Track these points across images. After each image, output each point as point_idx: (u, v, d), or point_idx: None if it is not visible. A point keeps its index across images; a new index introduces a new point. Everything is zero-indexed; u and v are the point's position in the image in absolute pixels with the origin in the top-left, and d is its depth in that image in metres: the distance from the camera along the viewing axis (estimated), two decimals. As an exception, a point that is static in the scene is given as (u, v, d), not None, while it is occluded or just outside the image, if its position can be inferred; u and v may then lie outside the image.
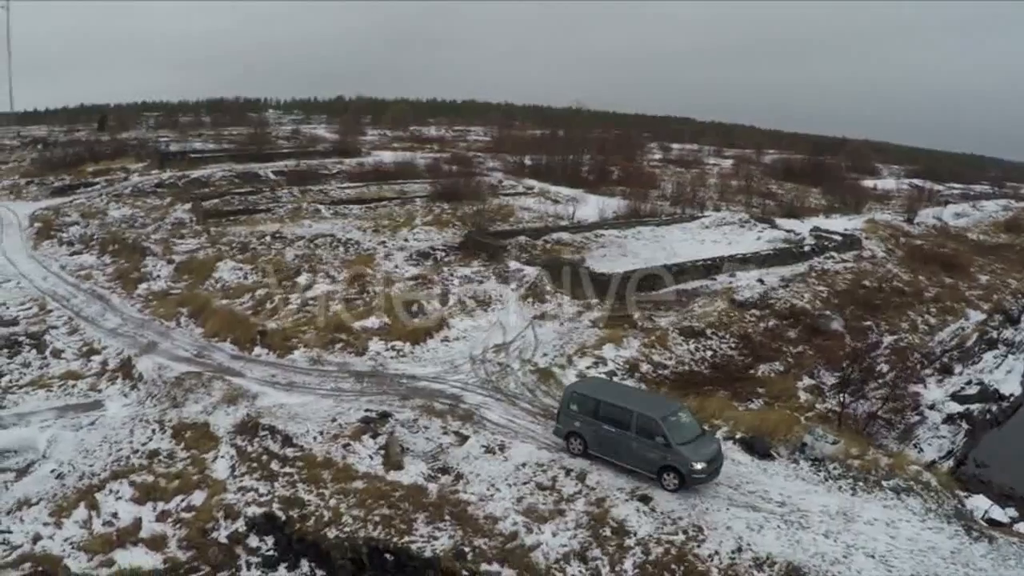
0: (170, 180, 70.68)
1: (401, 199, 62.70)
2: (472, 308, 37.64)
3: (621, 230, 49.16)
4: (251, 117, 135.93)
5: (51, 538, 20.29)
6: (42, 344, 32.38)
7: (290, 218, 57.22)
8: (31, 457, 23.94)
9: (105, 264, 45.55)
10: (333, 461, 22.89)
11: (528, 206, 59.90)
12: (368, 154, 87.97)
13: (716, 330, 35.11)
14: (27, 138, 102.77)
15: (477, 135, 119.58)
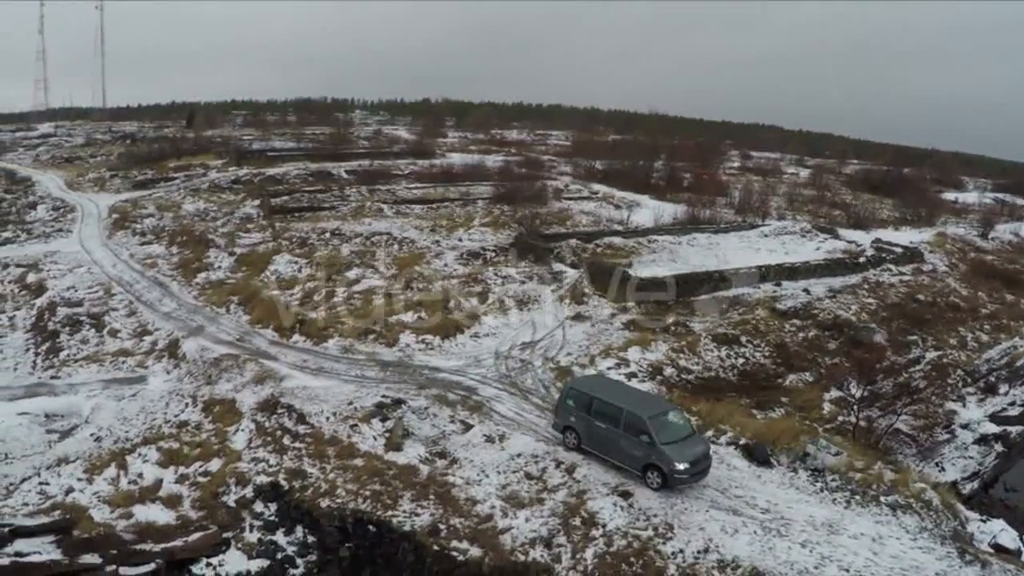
0: (246, 177, 75.75)
1: (463, 200, 65.41)
2: (509, 307, 39.66)
3: (676, 236, 50.16)
4: (336, 117, 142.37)
5: (82, 491, 23.46)
6: (101, 324, 36.32)
7: (352, 216, 60.66)
8: (75, 422, 27.48)
9: (171, 254, 49.81)
10: (339, 439, 25.33)
11: (588, 210, 61.52)
12: (442, 156, 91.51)
13: (751, 338, 35.90)
14: (118, 133, 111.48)
15: (558, 139, 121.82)
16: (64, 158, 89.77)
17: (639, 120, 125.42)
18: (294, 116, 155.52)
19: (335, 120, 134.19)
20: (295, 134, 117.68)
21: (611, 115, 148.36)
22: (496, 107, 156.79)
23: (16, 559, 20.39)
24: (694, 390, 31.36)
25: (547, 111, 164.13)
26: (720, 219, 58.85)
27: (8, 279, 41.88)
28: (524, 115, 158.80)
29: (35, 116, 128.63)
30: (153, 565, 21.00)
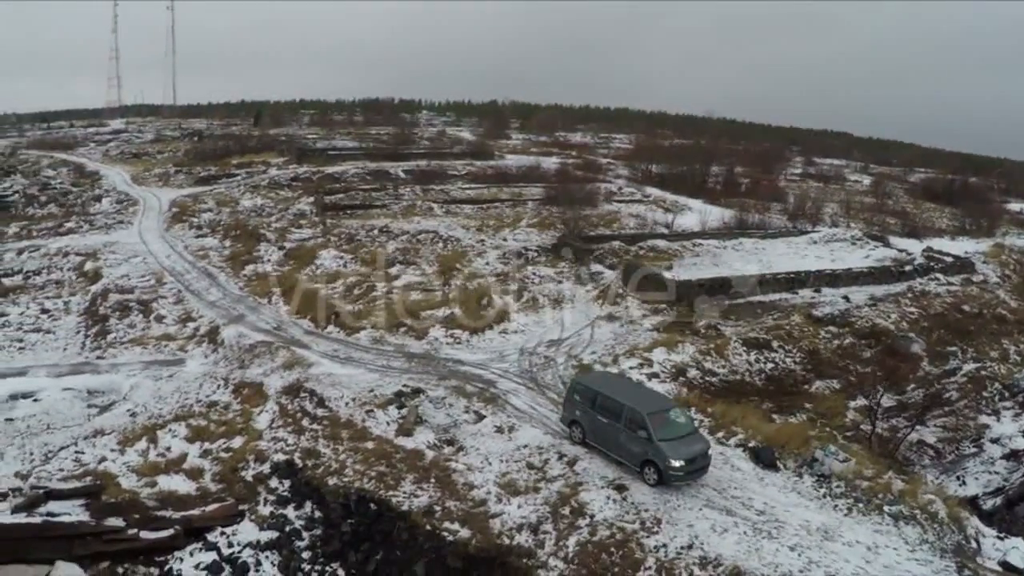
0: (305, 175, 78.94)
1: (514, 201, 67.01)
2: (542, 305, 40.95)
3: (722, 240, 50.60)
4: (402, 118, 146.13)
5: (113, 461, 25.79)
6: (149, 310, 39.09)
7: (402, 214, 62.92)
8: (114, 398, 30.01)
9: (224, 247, 52.71)
10: (353, 423, 27.06)
11: (637, 213, 62.35)
12: (501, 157, 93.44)
13: (783, 343, 36.26)
14: (187, 130, 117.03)
15: (621, 143, 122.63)
16: (132, 153, 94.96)
17: (705, 124, 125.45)
18: (361, 116, 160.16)
19: (400, 120, 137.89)
20: (359, 134, 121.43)
21: (677, 119, 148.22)
22: (562, 110, 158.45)
23: (47, 519, 22.68)
24: (716, 392, 31.97)
25: (613, 115, 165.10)
26: (769, 224, 58.90)
27: (67, 267, 45.22)
28: (590, 118, 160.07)
29: (107, 112, 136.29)
30: (172, 531, 23.00)
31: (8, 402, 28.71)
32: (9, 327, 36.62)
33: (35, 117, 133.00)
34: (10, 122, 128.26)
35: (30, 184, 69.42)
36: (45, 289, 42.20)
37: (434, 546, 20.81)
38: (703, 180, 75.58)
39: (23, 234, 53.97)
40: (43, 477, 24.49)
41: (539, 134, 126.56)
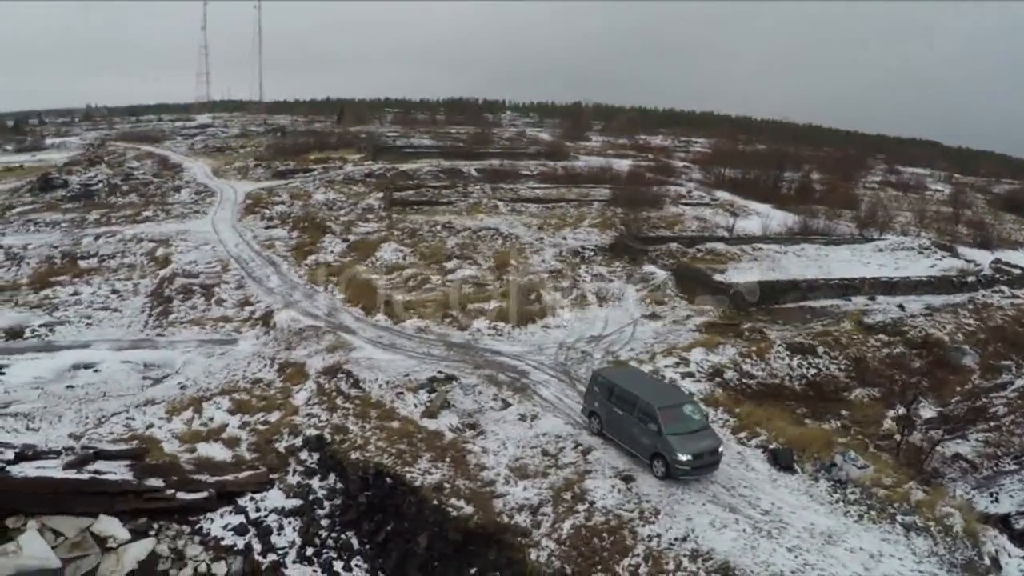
0: (379, 171, 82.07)
1: (580, 201, 68.15)
2: (589, 302, 42.09)
3: (783, 245, 50.61)
4: (485, 118, 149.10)
5: (159, 428, 28.29)
6: (210, 294, 42.04)
7: (468, 211, 64.90)
8: (168, 372, 32.72)
9: (290, 238, 55.74)
10: (382, 404, 28.86)
11: (703, 216, 62.65)
12: (576, 158, 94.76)
13: (829, 349, 36.34)
14: (272, 126, 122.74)
15: (700, 147, 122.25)
16: (216, 147, 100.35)
17: (789, 130, 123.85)
18: (444, 115, 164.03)
19: (482, 121, 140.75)
20: (439, 133, 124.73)
21: (761, 124, 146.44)
22: (645, 113, 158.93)
23: (94, 476, 25.18)
24: (751, 395, 32.43)
25: (697, 119, 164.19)
26: (834, 231, 58.35)
27: (140, 252, 48.91)
28: (673, 122, 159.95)
29: (196, 107, 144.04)
30: (206, 493, 25.19)
31: (71, 371, 31.80)
32: (80, 305, 40.20)
33: (125, 111, 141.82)
34: (101, 115, 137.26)
35: (114, 174, 74.60)
36: (118, 272, 45.87)
37: (438, 520, 22.26)
38: (776, 185, 75.08)
39: (103, 221, 58.38)
40: (94, 439, 27.12)
41: (619, 136, 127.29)
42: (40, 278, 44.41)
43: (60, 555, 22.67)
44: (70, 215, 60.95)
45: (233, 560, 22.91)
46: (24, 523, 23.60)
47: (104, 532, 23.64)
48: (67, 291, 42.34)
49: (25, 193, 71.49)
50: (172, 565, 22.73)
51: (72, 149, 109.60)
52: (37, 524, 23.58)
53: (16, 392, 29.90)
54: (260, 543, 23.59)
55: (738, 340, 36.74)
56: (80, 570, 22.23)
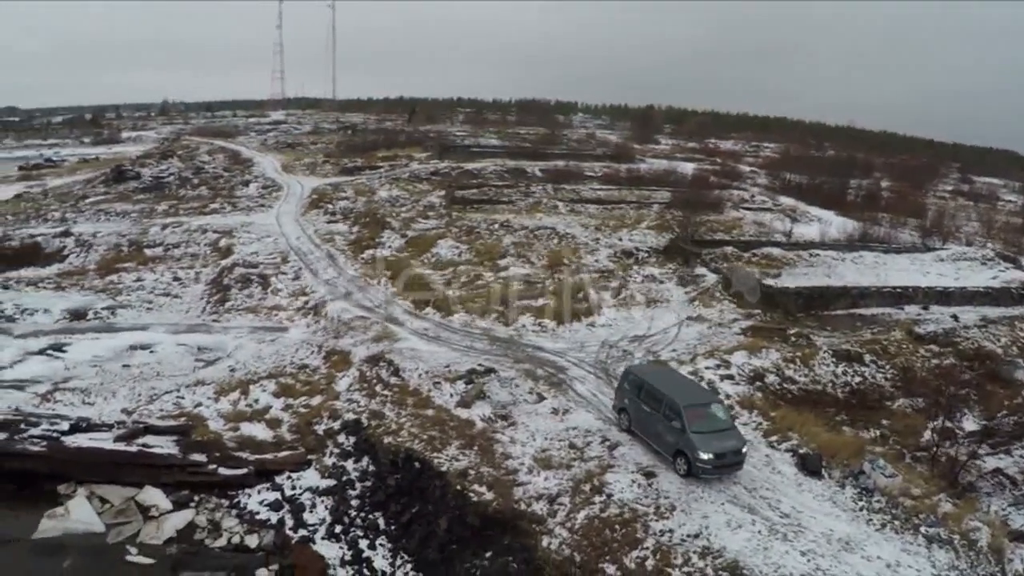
0: (445, 170, 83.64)
1: (640, 203, 68.33)
2: (637, 303, 42.43)
3: (841, 252, 50.02)
4: (555, 119, 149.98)
5: (207, 407, 29.99)
6: (267, 283, 43.95)
7: (527, 210, 65.78)
8: (219, 355, 34.50)
9: (351, 232, 57.51)
10: (419, 392, 29.98)
11: (762, 221, 62.18)
12: (642, 161, 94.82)
13: (877, 358, 35.95)
14: (344, 124, 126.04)
15: (770, 152, 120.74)
16: (287, 144, 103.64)
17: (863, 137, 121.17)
18: (515, 116, 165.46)
19: (553, 122, 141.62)
20: (508, 133, 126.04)
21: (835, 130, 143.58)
22: (717, 116, 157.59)
23: (142, 449, 26.98)
24: (791, 400, 32.40)
25: (770, 123, 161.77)
26: (895, 239, 57.29)
27: (204, 242, 51.34)
28: (746, 126, 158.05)
29: (270, 104, 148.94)
30: (245, 470, 26.73)
31: (128, 351, 33.91)
32: (143, 290, 42.65)
33: (201, 106, 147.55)
34: (177, 110, 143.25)
35: (185, 168, 78.05)
36: (181, 260, 48.33)
37: (459, 504, 23.18)
38: (843, 191, 73.99)
39: (171, 212, 61.34)
40: (145, 414, 28.96)
41: (689, 140, 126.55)
42: (107, 264, 47.21)
43: (105, 520, 24.45)
44: (140, 206, 64.29)
45: (265, 534, 24.27)
46: (74, 490, 25.52)
47: (148, 501, 25.34)
48: (131, 277, 44.95)
49: (99, 184, 75.49)
50: (208, 535, 24.21)
51: (147, 143, 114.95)
52: (86, 491, 25.46)
53: (75, 369, 32.10)
54: (292, 519, 24.93)
55: (783, 345, 36.66)
56: (122, 535, 23.86)
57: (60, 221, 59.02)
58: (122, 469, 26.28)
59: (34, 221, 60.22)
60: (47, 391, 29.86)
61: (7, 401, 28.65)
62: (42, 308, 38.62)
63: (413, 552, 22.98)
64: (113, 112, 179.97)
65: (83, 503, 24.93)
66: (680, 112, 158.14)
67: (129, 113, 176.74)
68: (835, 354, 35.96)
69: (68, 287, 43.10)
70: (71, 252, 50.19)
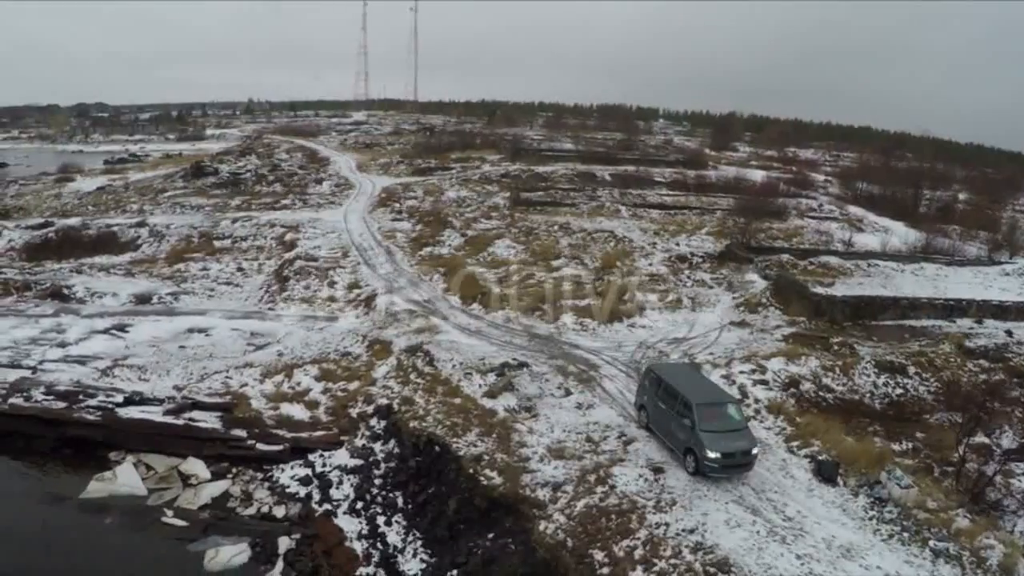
0: (515, 172, 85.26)
1: (703, 209, 68.43)
2: (682, 306, 42.89)
3: (901, 263, 49.16)
4: (635, 125, 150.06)
5: (252, 387, 32.03)
6: (324, 276, 46.07)
7: (589, 214, 66.67)
8: (269, 340, 36.60)
9: (413, 230, 59.52)
10: (450, 382, 31.29)
11: (826, 230, 61.43)
12: (715, 168, 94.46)
13: (922, 370, 35.45)
14: (424, 125, 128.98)
15: (849, 161, 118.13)
16: (365, 144, 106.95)
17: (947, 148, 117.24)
18: (595, 120, 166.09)
19: (632, 127, 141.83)
20: (585, 137, 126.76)
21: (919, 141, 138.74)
22: (799, 125, 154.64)
23: (188, 422, 29.14)
24: (825, 408, 32.31)
25: (854, 132, 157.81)
26: (960, 252, 55.82)
27: (271, 236, 54.10)
28: (828, 135, 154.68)
29: (354, 105, 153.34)
30: (281, 447, 28.59)
31: (186, 333, 36.38)
32: (207, 279, 45.44)
33: (285, 106, 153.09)
34: (262, 109, 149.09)
35: (262, 165, 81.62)
36: (247, 252, 51.06)
37: (469, 487, 24.35)
38: (915, 203, 72.33)
39: (243, 207, 64.57)
40: (194, 392, 31.17)
41: (768, 148, 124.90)
42: (176, 254, 50.34)
43: (148, 486, 26.68)
44: (214, 200, 67.89)
45: (292, 506, 26.04)
46: (123, 457, 27.86)
47: (189, 471, 27.46)
48: (197, 266, 47.89)
49: (178, 179, 79.78)
50: (240, 504, 26.14)
51: (230, 140, 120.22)
52: (134, 459, 27.76)
53: (135, 348, 34.71)
54: (319, 494, 26.63)
55: (824, 353, 36.51)
56: (162, 499, 25.99)
57: (137, 213, 62.98)
58: (168, 440, 28.52)
59: (113, 212, 64.55)
60: (107, 367, 32.42)
61: (70, 375, 31.30)
62: (111, 292, 41.69)
63: (424, 530, 24.28)
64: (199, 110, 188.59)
65: (130, 469, 27.20)
66: (762, 120, 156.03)
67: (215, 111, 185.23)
68: (878, 364, 35.62)
69: (137, 274, 46.28)
70: (144, 242, 53.65)
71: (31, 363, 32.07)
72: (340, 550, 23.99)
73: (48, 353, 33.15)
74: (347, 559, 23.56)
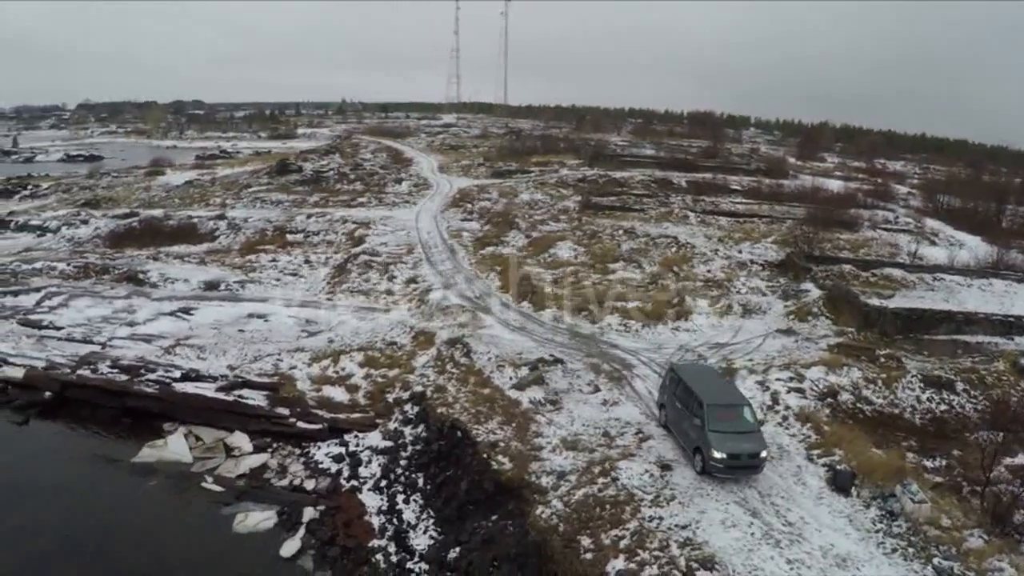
0: (592, 176, 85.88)
1: (773, 218, 67.58)
2: (733, 312, 42.84)
3: (968, 278, 47.61)
4: (725, 133, 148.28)
5: (299, 370, 33.98)
6: (385, 270, 47.93)
7: (656, 219, 66.76)
8: (322, 328, 38.57)
9: (479, 231, 60.93)
10: (482, 373, 32.45)
11: (895, 242, 59.89)
12: (794, 177, 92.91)
13: (970, 387, 34.57)
14: (513, 128, 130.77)
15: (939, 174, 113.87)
16: (451, 146, 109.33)
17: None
18: (685, 128, 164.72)
19: (720, 135, 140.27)
20: (670, 144, 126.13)
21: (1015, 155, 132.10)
22: (891, 136, 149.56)
23: (237, 399, 31.20)
24: (861, 420, 31.91)
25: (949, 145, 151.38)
26: (1032, 267, 53.54)
27: (342, 231, 56.50)
28: (921, 147, 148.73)
29: (446, 108, 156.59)
30: (320, 426, 30.34)
31: (246, 318, 38.76)
32: (275, 269, 47.91)
33: (377, 107, 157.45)
34: (354, 109, 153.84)
35: (345, 163, 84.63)
36: (317, 247, 53.54)
37: (480, 470, 25.47)
38: (998, 217, 69.58)
39: (320, 203, 67.36)
40: (245, 371, 33.27)
41: (856, 159, 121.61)
42: (249, 246, 53.26)
43: (194, 454, 28.79)
44: (294, 196, 71.03)
45: (322, 480, 27.65)
46: (176, 428, 30.06)
47: (233, 444, 29.48)
48: (267, 258, 50.60)
49: (263, 175, 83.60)
50: (275, 476, 27.96)
51: (320, 139, 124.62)
52: (185, 430, 29.98)
53: (197, 329, 37.27)
54: (349, 471, 28.20)
55: (869, 365, 35.98)
56: (205, 467, 28.01)
57: (219, 206, 66.59)
58: (218, 414, 30.68)
59: (196, 205, 68.46)
60: (170, 345, 34.96)
61: (135, 351, 33.94)
62: (182, 278, 44.68)
63: (438, 509, 25.49)
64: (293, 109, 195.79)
65: (180, 438, 29.42)
66: (854, 130, 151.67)
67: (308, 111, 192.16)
68: (924, 379, 34.80)
69: (210, 262, 49.27)
70: (222, 233, 56.87)
71: (101, 339, 34.91)
72: (359, 523, 25.42)
73: (118, 331, 35.97)
74: (364, 531, 24.97)
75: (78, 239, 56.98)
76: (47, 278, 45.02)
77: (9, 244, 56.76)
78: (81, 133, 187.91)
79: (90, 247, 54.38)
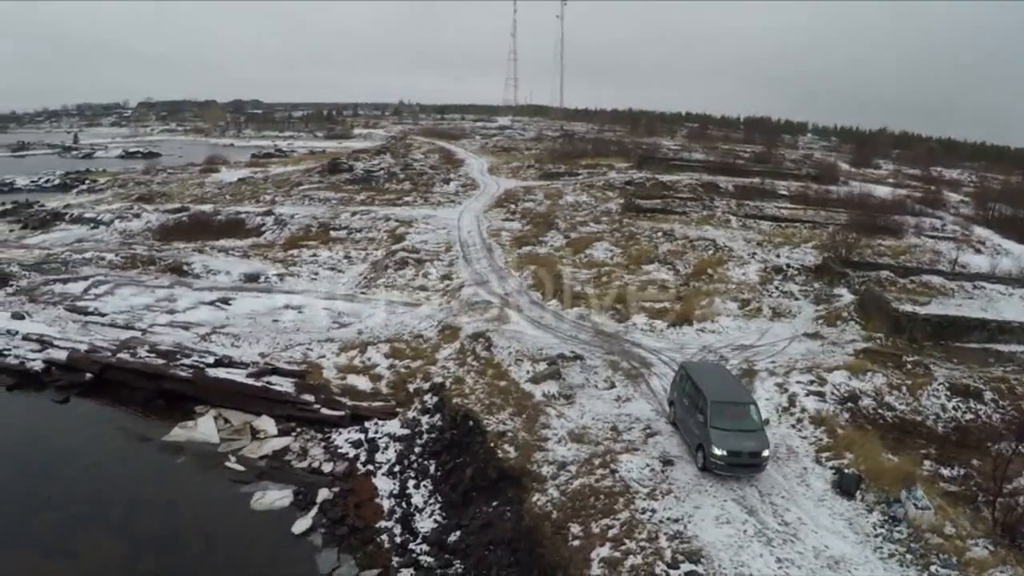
0: (639, 180, 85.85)
1: (815, 223, 66.68)
2: (763, 315, 42.62)
3: (1010, 287, 46.57)
4: (780, 138, 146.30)
5: (327, 359, 35.11)
6: (420, 266, 48.92)
7: (696, 222, 66.48)
8: (353, 320, 39.69)
9: (519, 230, 61.54)
10: (500, 366, 33.08)
11: (939, 250, 58.66)
12: (844, 184, 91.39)
13: (999, 396, 33.81)
14: (567, 132, 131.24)
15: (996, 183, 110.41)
16: (504, 148, 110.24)
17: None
18: (740, 133, 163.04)
19: (775, 141, 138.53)
20: (723, 149, 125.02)
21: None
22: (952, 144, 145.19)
23: (266, 385, 32.40)
24: (882, 426, 31.48)
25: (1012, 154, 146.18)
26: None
27: (384, 229, 57.77)
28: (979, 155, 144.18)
29: (503, 110, 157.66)
30: (342, 413, 31.35)
31: (281, 309, 40.14)
32: (315, 264, 49.34)
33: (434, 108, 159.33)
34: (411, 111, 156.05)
35: (395, 163, 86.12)
36: (359, 243, 54.89)
37: (486, 458, 26.12)
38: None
39: (367, 201, 68.85)
40: (275, 359, 34.51)
41: (912, 166, 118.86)
42: (292, 241, 54.88)
43: (222, 436, 30.02)
44: (341, 195, 72.65)
45: (339, 464, 28.63)
46: (207, 411, 31.34)
47: (259, 427, 30.66)
48: (308, 253, 52.13)
49: (315, 174, 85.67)
50: (296, 458, 29.03)
51: (376, 140, 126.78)
52: (215, 412, 31.27)
53: (234, 318, 38.78)
54: (366, 456, 29.15)
55: (894, 371, 35.50)
56: (231, 447, 29.24)
57: (269, 203, 68.54)
58: (247, 399, 31.90)
59: (247, 202, 70.53)
60: (206, 333, 36.49)
61: (174, 337, 35.49)
62: (224, 270, 46.40)
63: (445, 495, 26.21)
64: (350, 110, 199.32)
65: (210, 420, 30.72)
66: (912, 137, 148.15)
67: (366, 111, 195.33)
68: (951, 387, 34.14)
69: (253, 256, 50.94)
70: (268, 229, 58.67)
71: (142, 326, 36.65)
72: (370, 505, 26.29)
73: (158, 318, 37.71)
74: (373, 513, 25.83)
75: (129, 232, 59.55)
76: (95, 268, 47.23)
77: (63, 235, 59.63)
78: (141, 131, 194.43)
79: (140, 240, 56.72)
